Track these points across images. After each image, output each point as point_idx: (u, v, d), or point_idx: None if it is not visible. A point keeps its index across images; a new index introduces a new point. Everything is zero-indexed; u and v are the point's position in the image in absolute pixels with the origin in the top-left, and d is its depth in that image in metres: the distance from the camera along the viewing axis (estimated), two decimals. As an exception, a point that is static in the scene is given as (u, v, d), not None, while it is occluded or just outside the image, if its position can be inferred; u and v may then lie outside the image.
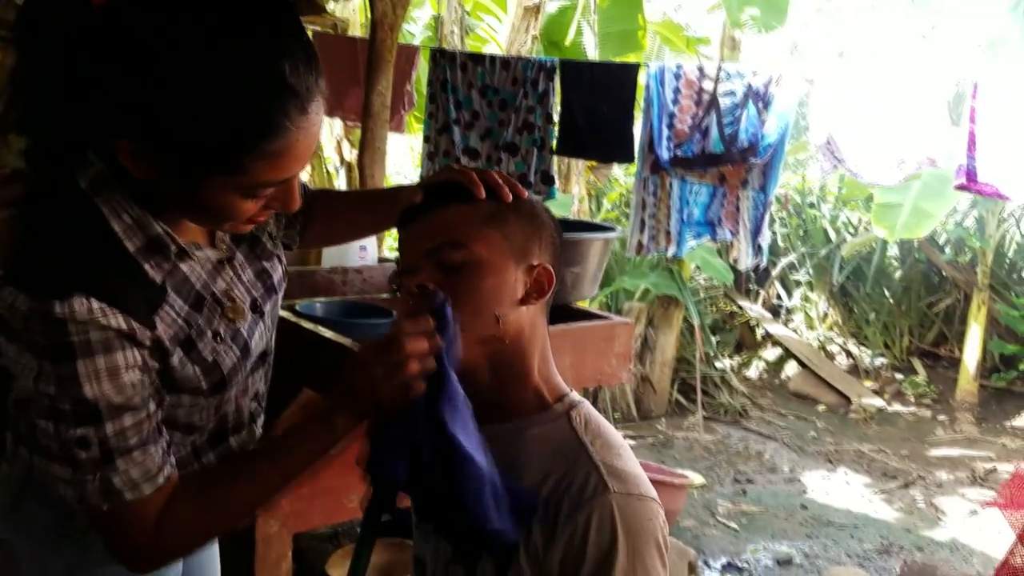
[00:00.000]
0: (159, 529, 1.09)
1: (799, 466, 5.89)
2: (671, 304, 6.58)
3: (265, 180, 1.05)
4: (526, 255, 1.14)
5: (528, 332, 1.15)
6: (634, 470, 1.09)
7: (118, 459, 1.05)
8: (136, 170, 1.02)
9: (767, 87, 3.58)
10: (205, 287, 1.19)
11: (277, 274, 1.36)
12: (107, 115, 0.99)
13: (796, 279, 8.24)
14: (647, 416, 6.59)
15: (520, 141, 4.13)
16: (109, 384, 1.03)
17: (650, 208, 4.03)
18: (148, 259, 1.10)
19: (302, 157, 1.06)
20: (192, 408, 1.19)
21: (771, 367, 7.79)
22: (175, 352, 1.12)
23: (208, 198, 1.05)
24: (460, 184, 1.15)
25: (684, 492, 4.52)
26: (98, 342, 1.01)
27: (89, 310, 1.00)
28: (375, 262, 3.14)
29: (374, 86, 3.72)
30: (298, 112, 1.01)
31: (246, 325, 1.24)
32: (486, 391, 1.17)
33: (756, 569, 4.43)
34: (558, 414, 1.15)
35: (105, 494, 1.05)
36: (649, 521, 1.05)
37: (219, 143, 0.99)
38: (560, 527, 1.05)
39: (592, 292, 2.78)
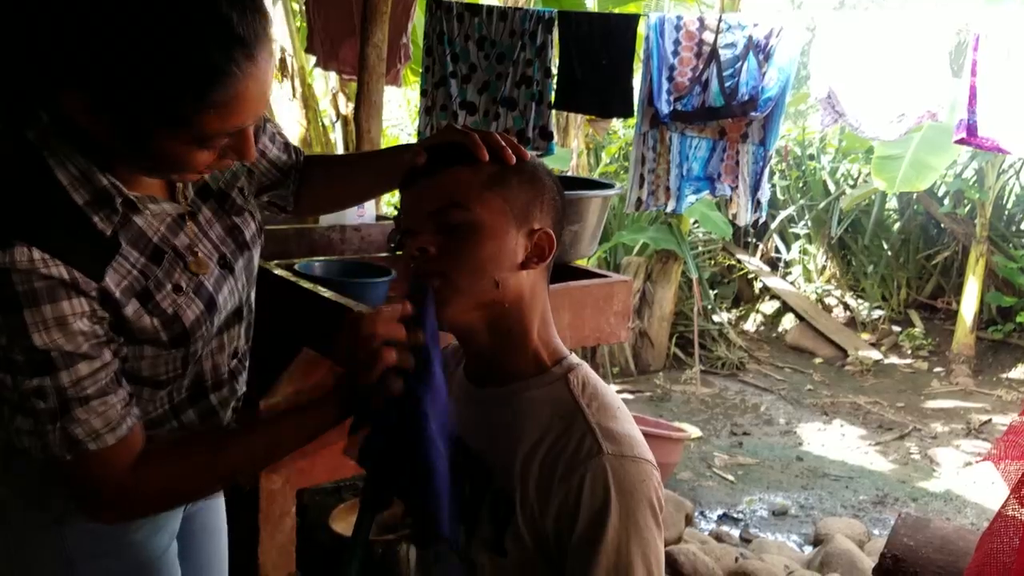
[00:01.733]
0: (128, 482, 1.11)
1: (795, 418, 5.94)
2: (669, 258, 6.58)
3: (216, 130, 1.03)
4: (527, 219, 1.12)
5: (528, 296, 1.14)
6: (629, 432, 1.09)
7: (77, 409, 1.06)
8: (87, 124, 1.02)
9: (768, 39, 3.52)
10: (164, 240, 1.18)
11: (249, 230, 1.34)
12: (53, 67, 0.98)
13: (795, 232, 8.24)
14: (645, 370, 6.63)
15: (518, 95, 4.07)
16: (58, 332, 1.03)
17: (649, 163, 3.99)
18: (96, 212, 1.08)
19: (253, 105, 1.04)
20: (156, 360, 1.18)
21: (769, 320, 7.82)
22: (129, 303, 1.11)
23: (160, 149, 1.04)
24: (463, 146, 1.14)
25: (681, 445, 4.56)
26: (43, 290, 1.01)
27: (30, 259, 1.00)
28: (373, 220, 3.12)
29: (370, 39, 3.66)
30: (245, 59, 1.00)
31: (211, 280, 1.23)
32: (485, 353, 1.17)
33: (752, 520, 4.49)
34: (556, 377, 1.15)
35: (67, 444, 1.06)
36: (642, 482, 1.05)
37: (165, 93, 0.98)
38: (555, 488, 1.06)
39: (591, 250, 2.77)
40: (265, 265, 2.39)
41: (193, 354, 1.22)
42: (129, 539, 1.31)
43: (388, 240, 3.00)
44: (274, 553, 2.50)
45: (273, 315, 1.66)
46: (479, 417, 1.19)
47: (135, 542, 1.32)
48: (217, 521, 1.62)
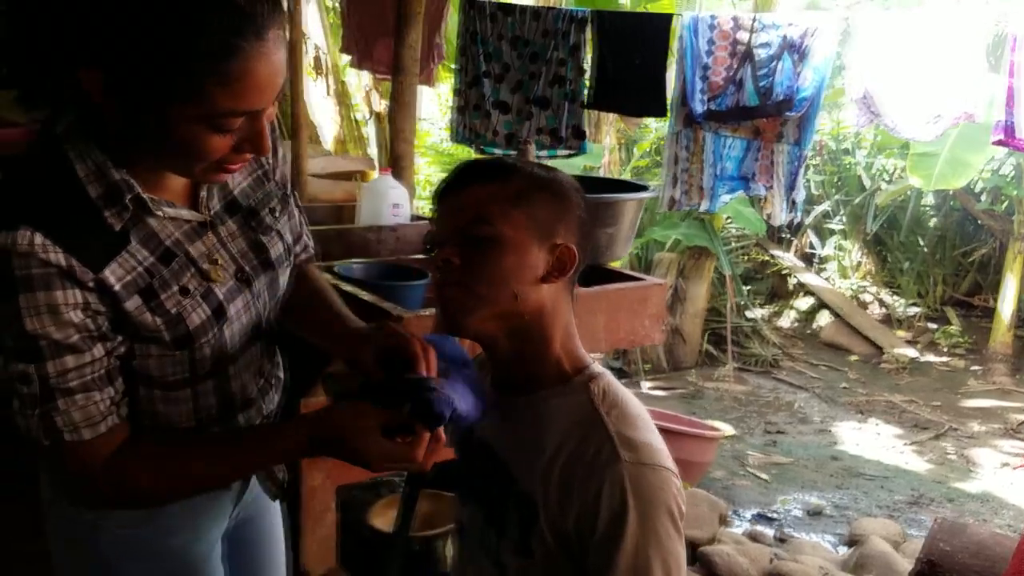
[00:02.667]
0: (104, 475, 1.14)
1: (830, 417, 5.90)
2: (702, 254, 6.55)
3: (226, 108, 1.05)
4: (550, 235, 1.15)
5: (549, 308, 1.17)
6: (649, 440, 1.11)
7: (58, 399, 1.08)
8: (106, 106, 1.05)
9: (803, 39, 3.50)
10: (177, 245, 1.19)
11: (276, 250, 1.35)
12: (69, 44, 1.02)
13: (830, 227, 8.16)
14: (678, 367, 6.61)
15: (551, 94, 4.08)
16: (50, 320, 1.05)
17: (683, 163, 3.98)
18: (108, 206, 1.11)
19: (262, 87, 1.06)
20: (162, 360, 1.21)
21: (803, 317, 7.77)
22: (131, 298, 1.13)
23: (176, 130, 1.05)
24: (492, 164, 1.17)
25: (715, 444, 4.55)
26: (39, 277, 1.04)
27: (31, 243, 1.03)
28: (409, 221, 3.14)
29: (404, 39, 3.68)
30: (253, 35, 1.02)
31: (223, 289, 1.25)
32: (508, 362, 1.21)
33: (786, 519, 4.47)
34: (578, 385, 1.17)
35: (45, 430, 1.09)
36: (661, 490, 1.07)
37: (174, 63, 1.00)
38: (574, 493, 1.09)
39: (625, 252, 2.78)
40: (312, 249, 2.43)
41: (200, 361, 1.24)
42: (166, 544, 1.34)
43: (424, 241, 3.02)
44: (316, 548, 2.54)
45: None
46: (504, 423, 1.22)
47: (173, 547, 1.35)
48: (272, 528, 1.63)
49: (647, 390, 6.17)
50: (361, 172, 4.14)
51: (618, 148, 7.26)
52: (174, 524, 1.33)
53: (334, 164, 4.16)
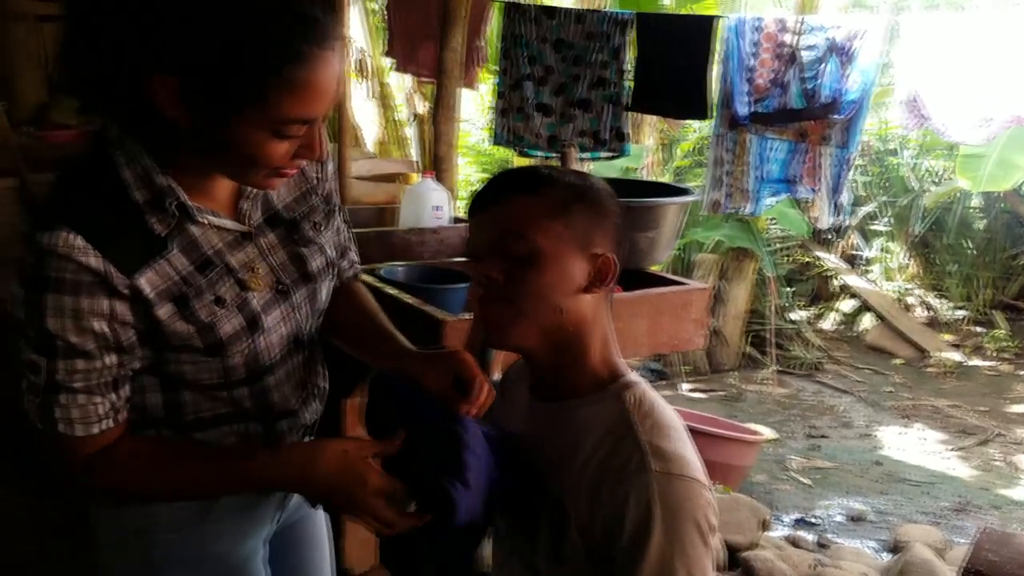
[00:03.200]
0: (85, 469, 1.17)
1: (874, 421, 5.83)
2: (744, 256, 6.50)
3: (291, 115, 1.08)
4: (589, 245, 1.15)
5: (590, 318, 1.18)
6: (680, 451, 1.11)
7: (61, 394, 1.12)
8: (173, 113, 1.07)
9: (850, 41, 3.45)
10: (217, 254, 1.21)
11: (316, 262, 1.36)
12: (144, 52, 1.04)
13: (875, 229, 8.05)
14: (718, 369, 6.57)
15: (593, 97, 4.07)
16: (71, 324, 1.09)
17: (727, 165, 3.95)
18: (152, 212, 1.14)
19: (324, 95, 1.10)
20: (197, 366, 1.23)
21: (847, 319, 7.68)
22: (163, 306, 1.15)
23: (239, 136, 1.09)
24: (526, 175, 1.18)
25: (756, 448, 4.52)
26: (70, 281, 1.07)
27: (70, 244, 1.06)
28: (450, 222, 3.17)
29: (447, 43, 3.71)
30: (318, 42, 1.06)
31: (260, 300, 1.26)
32: (547, 371, 1.22)
33: (828, 525, 4.44)
34: (613, 394, 1.18)
35: (41, 417, 1.14)
36: (688, 501, 1.07)
37: (246, 69, 1.03)
38: (602, 500, 1.09)
39: (667, 256, 2.78)
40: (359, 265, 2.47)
41: (233, 368, 1.26)
42: (211, 549, 1.36)
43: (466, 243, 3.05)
44: (358, 548, 2.58)
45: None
46: (539, 430, 1.23)
47: (217, 552, 1.37)
48: (316, 532, 1.64)
49: (686, 392, 6.14)
50: (403, 175, 4.17)
51: (659, 149, 7.23)
52: (219, 529, 1.36)
53: (377, 167, 4.19)
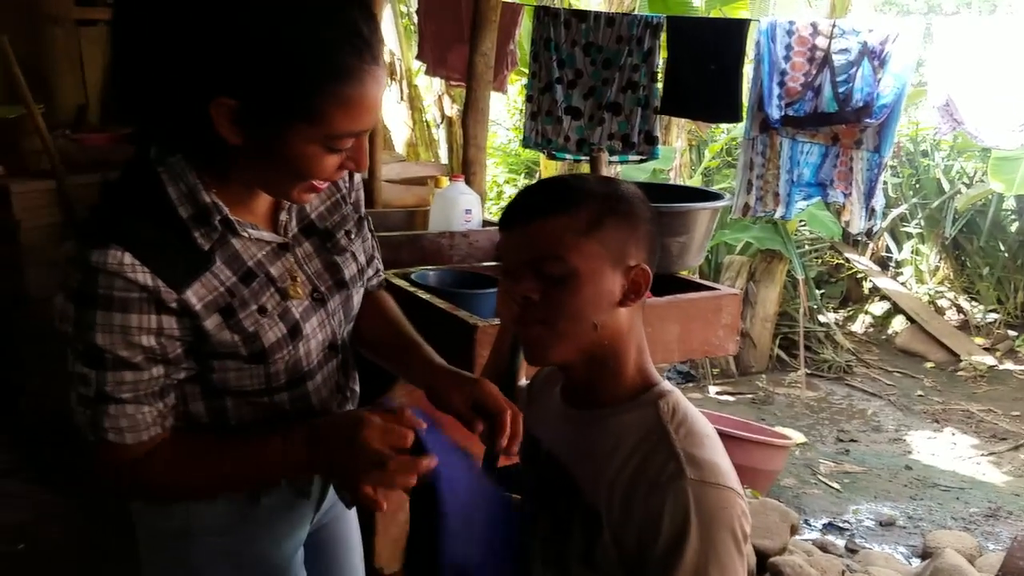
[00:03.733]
0: (132, 473, 1.21)
1: (904, 425, 5.78)
2: (774, 258, 6.46)
3: (343, 129, 1.11)
4: (623, 258, 1.16)
5: (625, 330, 1.19)
6: (715, 460, 1.11)
7: (109, 404, 1.15)
8: (229, 133, 1.09)
9: (883, 45, 3.44)
10: (259, 265, 1.24)
11: (350, 270, 1.40)
12: (204, 74, 1.06)
13: (907, 231, 7.98)
14: (746, 372, 6.53)
15: (624, 100, 4.08)
16: (120, 339, 1.11)
17: (758, 168, 3.95)
18: (198, 227, 1.16)
19: (373, 109, 1.13)
20: (240, 373, 1.26)
21: (878, 322, 7.61)
22: (210, 317, 1.18)
23: (292, 151, 1.12)
24: (558, 190, 1.18)
25: (785, 452, 4.50)
26: (120, 299, 1.10)
27: (120, 262, 1.08)
28: (480, 226, 3.18)
29: (478, 47, 3.71)
30: (371, 60, 1.10)
31: (299, 308, 1.29)
32: (581, 381, 1.23)
33: (858, 530, 4.40)
34: (647, 402, 1.18)
35: (91, 428, 1.17)
36: (724, 510, 1.07)
37: (301, 87, 1.07)
38: (637, 508, 1.10)
39: (698, 261, 2.77)
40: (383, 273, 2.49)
41: (275, 375, 1.28)
42: (252, 551, 1.39)
43: (496, 247, 3.06)
44: (388, 548, 2.60)
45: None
46: (572, 436, 1.24)
47: (257, 554, 1.40)
48: (348, 531, 1.67)
49: (715, 395, 6.12)
50: (433, 177, 4.19)
51: (688, 150, 7.20)
52: (258, 531, 1.39)
53: (408, 170, 4.21)
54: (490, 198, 6.50)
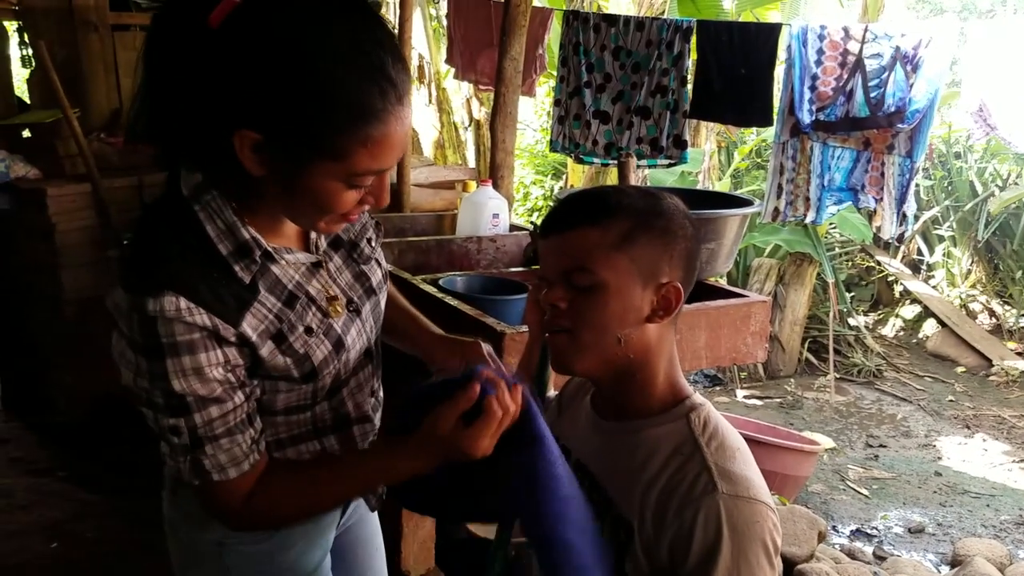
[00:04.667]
0: (246, 505, 1.23)
1: (935, 431, 5.72)
2: (804, 260, 6.41)
3: (365, 168, 1.12)
4: (655, 275, 1.16)
5: (654, 347, 1.19)
6: (746, 473, 1.12)
7: (206, 445, 1.17)
8: (252, 165, 1.11)
9: (916, 50, 3.40)
10: (298, 287, 1.27)
11: (376, 277, 1.44)
12: (228, 105, 1.08)
13: (939, 234, 7.89)
14: (775, 375, 6.49)
15: (652, 104, 4.07)
16: (195, 379, 1.13)
17: (788, 173, 3.92)
18: (238, 261, 1.19)
19: (397, 148, 1.14)
20: (289, 394, 1.29)
21: (908, 325, 7.54)
22: (264, 345, 1.20)
23: (313, 186, 1.13)
24: (595, 201, 1.19)
25: (814, 458, 4.47)
26: (184, 343, 1.11)
27: (177, 308, 1.10)
28: (507, 230, 3.19)
29: (507, 51, 3.73)
30: (395, 100, 1.11)
31: (340, 322, 1.32)
32: (610, 393, 1.24)
33: (886, 537, 4.37)
34: (678, 415, 1.19)
35: (195, 473, 1.19)
36: (756, 523, 1.08)
37: (329, 127, 1.08)
38: (669, 521, 1.10)
39: (727, 267, 2.76)
40: (412, 279, 2.51)
41: (321, 388, 1.31)
42: (284, 557, 1.41)
43: (524, 252, 3.07)
44: (416, 549, 2.63)
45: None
46: (602, 446, 1.25)
47: (290, 560, 1.42)
48: (371, 533, 1.70)
49: (742, 399, 6.09)
50: (462, 182, 4.21)
51: (718, 152, 7.17)
52: (291, 538, 1.41)
53: (436, 174, 4.23)
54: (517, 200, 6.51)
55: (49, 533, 3.40)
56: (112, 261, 4.05)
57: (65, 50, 4.20)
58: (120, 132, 4.28)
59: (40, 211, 3.91)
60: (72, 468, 3.91)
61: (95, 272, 4.04)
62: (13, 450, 4.12)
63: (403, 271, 2.67)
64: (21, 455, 4.07)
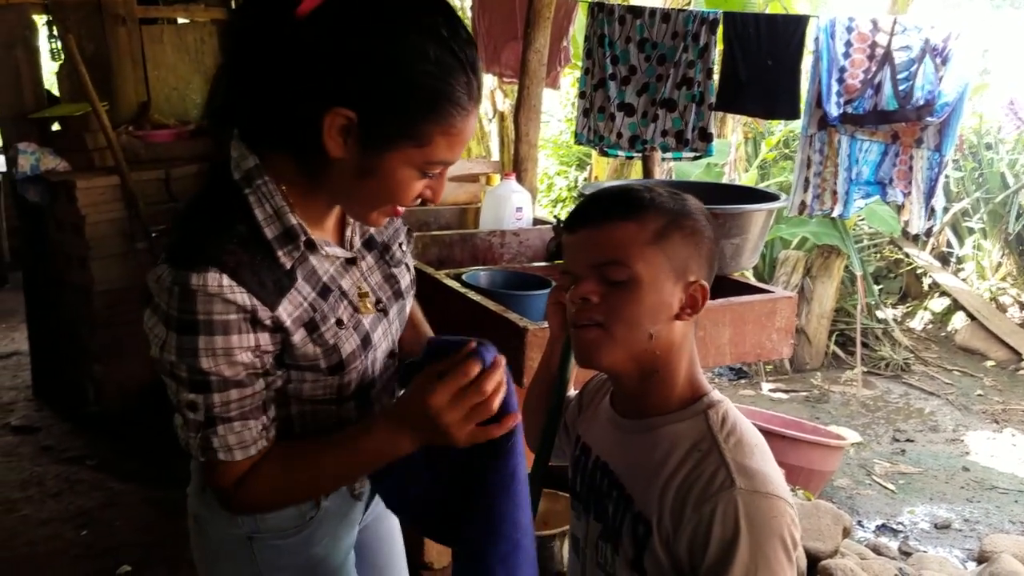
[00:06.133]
0: (242, 486, 1.25)
1: (963, 425, 5.65)
2: (831, 253, 6.35)
3: (441, 157, 1.17)
4: (685, 272, 1.18)
5: (678, 344, 1.20)
6: (764, 469, 1.13)
7: (219, 425, 1.19)
8: (334, 146, 1.14)
9: (946, 42, 3.36)
10: (332, 280, 1.29)
11: (404, 281, 1.47)
12: (328, 83, 1.11)
13: (969, 226, 7.79)
14: (801, 369, 6.44)
15: (678, 96, 4.05)
16: (223, 361, 1.16)
17: (815, 166, 3.89)
18: (283, 247, 1.21)
19: (465, 142, 1.20)
20: (315, 384, 1.31)
21: (937, 318, 7.45)
22: (297, 331, 1.22)
23: (389, 170, 1.17)
24: (628, 198, 1.20)
25: (840, 452, 4.44)
26: (220, 322, 1.14)
27: (220, 284, 1.12)
28: (531, 224, 3.20)
29: (532, 44, 3.73)
30: (476, 96, 1.17)
31: (369, 320, 1.34)
32: (632, 390, 1.25)
33: (912, 532, 4.33)
34: (697, 412, 1.20)
35: (202, 450, 1.22)
36: (774, 519, 1.08)
37: (421, 112, 1.12)
38: (687, 516, 1.11)
39: (752, 262, 2.75)
40: (435, 274, 2.52)
41: (347, 384, 1.33)
42: (312, 553, 1.44)
43: (547, 247, 3.07)
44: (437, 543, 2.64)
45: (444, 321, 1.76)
46: (622, 444, 1.27)
47: (317, 555, 1.44)
48: (392, 529, 1.72)
49: (768, 392, 6.05)
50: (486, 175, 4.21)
51: (745, 143, 7.11)
52: (318, 534, 1.43)
53: (461, 167, 4.22)
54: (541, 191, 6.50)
55: (79, 521, 3.46)
56: (140, 253, 4.10)
57: (93, 44, 4.24)
58: (148, 125, 4.32)
59: (70, 203, 3.97)
60: (102, 457, 3.98)
61: (124, 263, 4.10)
62: (44, 439, 4.20)
63: (427, 265, 2.68)
64: (52, 444, 4.14)
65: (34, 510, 3.54)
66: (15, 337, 5.69)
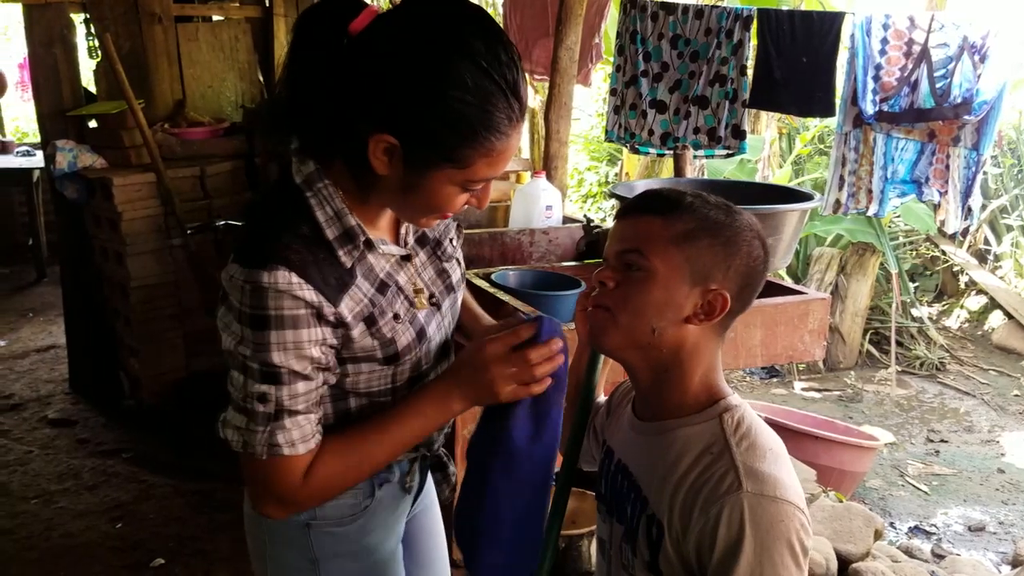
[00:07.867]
0: (303, 483, 1.28)
1: (999, 426, 5.57)
2: (866, 250, 6.28)
3: (482, 176, 1.22)
4: (706, 279, 1.18)
5: (689, 348, 1.21)
6: (776, 473, 1.12)
7: (286, 419, 1.23)
8: (380, 165, 1.20)
9: (984, 39, 3.30)
10: (388, 276, 1.35)
11: (455, 275, 1.51)
12: (373, 111, 1.17)
13: (1007, 223, 7.66)
14: (834, 368, 6.38)
15: (711, 94, 4.02)
16: (294, 355, 1.21)
17: (851, 164, 3.84)
18: (343, 246, 1.27)
19: (507, 160, 1.25)
20: (371, 375, 1.35)
21: (974, 317, 7.34)
22: (357, 326, 1.28)
23: (432, 189, 1.22)
24: (669, 198, 1.22)
25: (872, 453, 4.40)
26: (289, 317, 1.19)
27: (288, 282, 1.18)
28: (560, 222, 3.19)
29: (563, 41, 3.72)
30: (519, 116, 1.21)
31: (423, 314, 1.40)
32: (647, 391, 1.27)
33: (945, 534, 4.29)
34: (712, 415, 1.20)
35: (269, 446, 1.24)
36: (780, 522, 1.08)
37: (460, 138, 1.17)
38: (695, 519, 1.12)
39: (786, 263, 2.73)
40: (465, 273, 2.53)
41: (400, 373, 1.38)
42: (365, 542, 1.48)
43: (576, 246, 3.07)
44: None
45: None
46: (639, 446, 1.28)
47: (369, 544, 1.49)
48: (435, 523, 1.77)
49: (800, 391, 6.00)
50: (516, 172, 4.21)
51: (779, 139, 7.05)
52: (371, 523, 1.48)
53: (491, 164, 4.23)
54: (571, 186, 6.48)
55: (114, 513, 3.51)
56: (176, 249, 4.15)
57: (130, 41, 4.29)
58: (183, 122, 4.37)
59: (107, 200, 4.02)
60: (137, 450, 4.03)
61: (159, 259, 4.15)
62: (80, 432, 4.26)
63: (457, 265, 2.69)
64: (88, 437, 4.21)
65: (71, 502, 3.60)
66: (52, 331, 5.78)
